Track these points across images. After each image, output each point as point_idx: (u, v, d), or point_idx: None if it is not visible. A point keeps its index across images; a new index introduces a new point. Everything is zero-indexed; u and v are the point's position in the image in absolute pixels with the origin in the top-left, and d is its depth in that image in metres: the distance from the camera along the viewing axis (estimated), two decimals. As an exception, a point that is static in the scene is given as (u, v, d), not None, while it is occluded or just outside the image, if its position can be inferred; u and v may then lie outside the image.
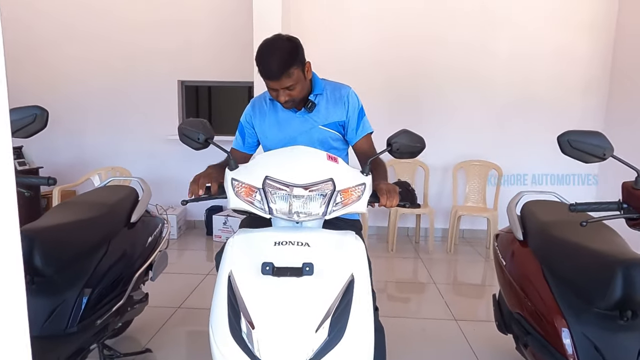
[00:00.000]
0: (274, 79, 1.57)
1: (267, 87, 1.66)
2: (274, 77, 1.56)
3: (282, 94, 1.62)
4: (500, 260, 2.20)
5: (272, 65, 1.55)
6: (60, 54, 4.79)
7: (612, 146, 1.33)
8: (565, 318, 1.68)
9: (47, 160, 4.69)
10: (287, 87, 1.60)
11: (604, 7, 4.49)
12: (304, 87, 1.68)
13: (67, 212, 2.04)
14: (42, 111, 1.38)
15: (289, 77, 1.57)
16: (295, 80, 1.59)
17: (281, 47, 1.58)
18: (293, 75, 1.58)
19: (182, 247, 4.43)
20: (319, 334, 1.11)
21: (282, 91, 1.61)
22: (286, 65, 1.55)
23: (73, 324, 1.79)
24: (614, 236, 1.80)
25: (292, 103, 1.69)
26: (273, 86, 1.61)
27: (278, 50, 1.56)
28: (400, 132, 1.43)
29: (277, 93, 1.63)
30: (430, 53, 4.62)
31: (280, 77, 1.56)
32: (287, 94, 1.62)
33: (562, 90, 4.62)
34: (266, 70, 1.57)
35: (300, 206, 1.28)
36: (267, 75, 1.58)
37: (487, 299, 3.06)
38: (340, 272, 1.20)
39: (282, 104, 1.67)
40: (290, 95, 1.63)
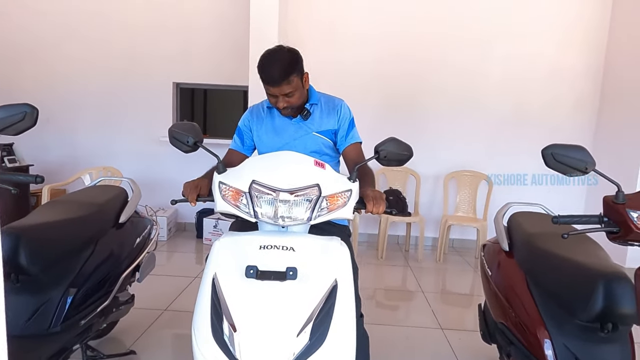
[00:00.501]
0: (275, 85, 1.65)
1: (267, 93, 1.73)
2: (275, 83, 1.64)
3: (281, 100, 1.70)
4: (487, 270, 2.22)
5: (274, 72, 1.63)
6: (58, 54, 4.79)
7: (594, 160, 1.35)
8: (548, 329, 1.70)
9: (38, 158, 4.66)
10: (286, 93, 1.68)
11: (595, 27, 4.58)
12: (302, 96, 1.76)
13: (55, 210, 2.03)
14: (32, 109, 1.38)
15: (289, 84, 1.66)
16: (294, 87, 1.68)
17: (283, 56, 1.67)
18: (292, 82, 1.66)
19: (172, 249, 4.41)
20: (300, 338, 1.11)
21: (281, 97, 1.69)
22: (287, 73, 1.64)
23: (56, 323, 1.77)
24: (596, 249, 1.83)
25: (290, 110, 1.76)
26: (273, 92, 1.68)
27: (279, 59, 1.66)
28: (388, 139, 1.45)
29: (276, 99, 1.71)
30: (425, 66, 4.67)
31: (280, 83, 1.64)
32: (286, 100, 1.70)
33: (552, 105, 4.69)
34: (268, 77, 1.65)
35: (286, 211, 1.29)
36: (269, 81, 1.66)
37: (474, 309, 3.08)
38: (323, 277, 1.21)
39: (281, 109, 1.75)
40: (289, 102, 1.71)
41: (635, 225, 1.27)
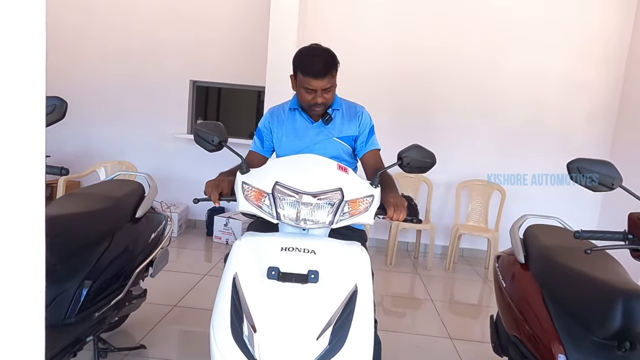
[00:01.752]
0: (318, 77, 1.65)
1: (303, 88, 1.70)
2: (319, 75, 1.64)
3: (319, 95, 1.69)
4: (500, 281, 2.20)
5: (319, 65, 1.64)
6: (77, 49, 4.85)
7: (620, 176, 1.34)
8: (563, 344, 1.67)
9: (55, 150, 4.71)
10: (325, 88, 1.67)
11: (617, 38, 4.53)
12: (334, 94, 1.77)
13: (73, 202, 2.06)
14: (61, 102, 1.40)
15: (332, 78, 1.68)
16: (333, 82, 1.70)
17: (323, 52, 1.70)
18: (333, 77, 1.69)
19: (182, 245, 4.44)
20: (319, 342, 1.11)
21: (320, 92, 1.68)
22: (330, 66, 1.66)
23: (71, 314, 1.79)
24: (615, 266, 1.81)
25: (323, 108, 1.75)
26: (314, 85, 1.67)
27: (322, 55, 1.68)
28: (412, 146, 1.45)
29: (314, 95, 1.69)
30: (441, 74, 4.65)
31: (325, 75, 1.65)
32: (324, 96, 1.70)
33: (569, 117, 4.64)
34: (312, 69, 1.65)
35: (308, 213, 1.30)
36: (314, 74, 1.65)
37: (483, 320, 3.06)
38: (344, 282, 1.21)
39: (316, 107, 1.72)
40: (325, 99, 1.71)
41: (661, 244, 1.25)
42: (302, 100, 1.76)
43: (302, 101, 1.77)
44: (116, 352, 2.24)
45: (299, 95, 1.76)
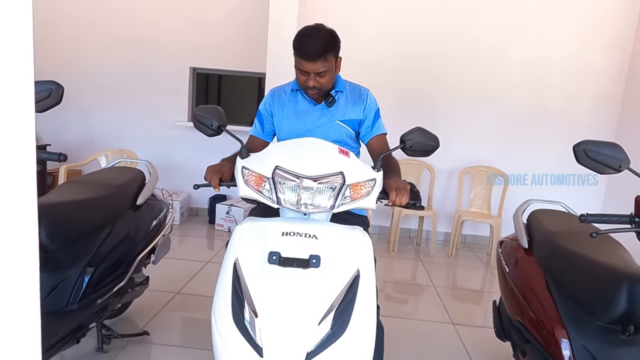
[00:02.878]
0: (310, 60, 1.60)
1: (298, 69, 1.67)
2: (311, 58, 1.60)
3: (312, 79, 1.64)
4: (504, 266, 2.19)
5: (312, 47, 1.59)
6: (77, 35, 4.79)
7: (628, 158, 1.31)
8: (566, 329, 1.67)
9: (56, 138, 4.70)
10: (318, 72, 1.62)
11: (622, 22, 4.45)
12: (332, 79, 1.71)
13: (74, 190, 2.05)
14: (57, 87, 1.38)
15: (324, 62, 1.61)
16: (328, 67, 1.63)
17: (322, 34, 1.63)
18: (328, 62, 1.62)
19: (184, 233, 4.44)
20: (321, 327, 1.11)
21: (312, 75, 1.63)
22: (324, 49, 1.60)
23: (74, 301, 1.80)
24: (620, 250, 1.79)
25: (318, 92, 1.71)
26: (306, 68, 1.63)
27: (319, 36, 1.62)
28: (415, 129, 1.42)
29: (306, 77, 1.65)
30: (444, 60, 4.59)
31: (316, 59, 1.59)
32: (317, 80, 1.65)
33: (574, 102, 4.59)
34: (304, 51, 1.60)
35: (309, 198, 1.28)
36: (304, 56, 1.60)
37: (486, 305, 3.06)
38: (346, 267, 1.20)
39: (309, 89, 1.69)
40: (319, 83, 1.66)
41: (668, 227, 1.23)
42: (297, 81, 1.72)
43: (298, 82, 1.73)
44: (119, 339, 2.25)
45: (296, 76, 1.72)
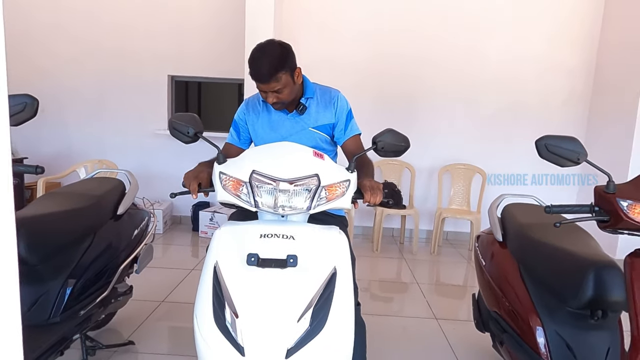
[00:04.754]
0: (263, 82, 1.65)
1: (257, 88, 1.72)
2: (263, 80, 1.64)
3: (270, 96, 1.70)
4: (480, 260, 2.26)
5: (262, 69, 1.62)
6: (49, 46, 4.74)
7: (585, 151, 1.39)
8: (540, 317, 1.74)
9: (33, 151, 4.63)
10: (275, 90, 1.67)
11: (589, 23, 4.62)
12: (293, 91, 1.74)
13: (53, 202, 2.04)
14: (32, 100, 1.39)
15: (277, 81, 1.64)
16: (283, 84, 1.66)
17: (272, 52, 1.65)
18: (281, 79, 1.65)
19: (168, 242, 4.42)
20: (300, 324, 1.14)
21: (270, 93, 1.69)
22: (275, 69, 1.62)
23: (56, 314, 1.79)
24: (588, 239, 1.87)
25: (281, 105, 1.75)
26: (262, 88, 1.69)
27: (269, 55, 1.63)
28: (385, 131, 1.47)
29: (266, 95, 1.71)
30: (419, 60, 4.69)
31: (269, 80, 1.63)
32: (275, 96, 1.69)
33: (546, 100, 4.73)
34: (256, 73, 1.64)
35: (286, 200, 1.32)
36: (257, 78, 1.65)
37: (468, 300, 3.13)
38: (323, 265, 1.24)
39: (272, 105, 1.74)
40: (279, 98, 1.70)
41: (624, 214, 1.30)
42: (261, 96, 1.78)
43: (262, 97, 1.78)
44: (105, 350, 2.25)
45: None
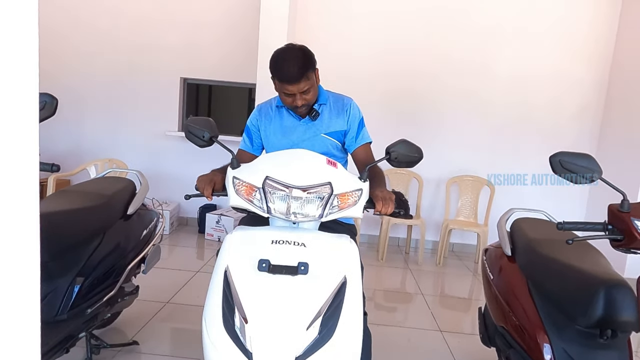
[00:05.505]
0: (294, 82, 1.63)
1: (281, 92, 1.71)
2: (294, 80, 1.63)
3: (299, 98, 1.68)
4: (488, 274, 2.24)
5: (292, 70, 1.62)
6: (66, 46, 4.81)
7: (600, 169, 1.38)
8: (548, 334, 1.72)
9: (44, 148, 4.65)
10: (303, 91, 1.66)
11: (603, 36, 4.61)
12: (316, 92, 1.75)
13: (64, 200, 2.06)
14: (51, 99, 1.40)
15: (307, 80, 1.65)
16: (310, 84, 1.67)
17: (296, 54, 1.66)
18: (310, 78, 1.67)
19: (174, 243, 4.44)
20: (309, 332, 1.14)
21: (299, 95, 1.67)
22: (305, 67, 1.64)
23: (63, 311, 1.80)
24: (598, 256, 1.85)
25: (306, 108, 1.75)
26: (291, 90, 1.66)
27: (295, 56, 1.64)
28: (399, 141, 1.48)
29: (293, 98, 1.69)
30: (431, 70, 4.70)
31: (300, 79, 1.63)
32: (303, 98, 1.68)
33: (557, 113, 4.72)
34: (286, 75, 1.63)
35: (298, 207, 1.32)
36: (287, 79, 1.63)
37: (473, 313, 3.11)
38: (333, 274, 1.24)
39: (298, 108, 1.73)
40: (306, 100, 1.70)
41: (639, 234, 1.29)
42: (283, 102, 1.76)
43: (284, 103, 1.77)
44: (109, 349, 2.25)
45: (280, 98, 1.76)
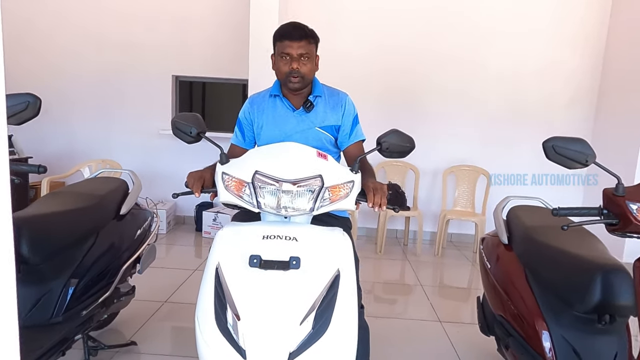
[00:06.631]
0: (296, 39, 1.65)
1: (281, 54, 1.69)
2: (297, 37, 1.65)
3: (295, 61, 1.67)
4: (485, 263, 2.23)
5: (296, 29, 1.67)
6: (53, 45, 4.76)
7: (594, 153, 1.36)
8: (546, 321, 1.71)
9: (37, 151, 4.65)
10: (302, 54, 1.67)
11: (595, 23, 4.59)
12: (312, 71, 1.75)
13: (56, 201, 2.04)
14: (34, 99, 1.38)
15: (308, 45, 1.68)
16: (310, 54, 1.69)
17: (305, 25, 1.73)
18: (311, 46, 1.69)
19: (171, 242, 4.42)
20: (303, 326, 1.13)
21: (297, 57, 1.67)
22: (309, 34, 1.69)
23: (58, 313, 1.79)
24: (595, 242, 1.85)
25: (300, 81, 1.70)
26: (291, 48, 1.66)
27: (300, 24, 1.71)
28: (390, 131, 1.46)
29: (290, 61, 1.67)
30: (424, 61, 4.67)
31: (301, 39, 1.65)
32: (301, 64, 1.68)
33: (550, 100, 4.70)
34: (289, 32, 1.66)
35: (289, 201, 1.30)
36: (290, 36, 1.66)
37: (472, 302, 3.11)
38: (326, 267, 1.22)
39: (292, 76, 1.69)
40: (302, 70, 1.68)
41: (634, 217, 1.28)
42: (279, 72, 1.73)
43: (279, 74, 1.74)
44: (107, 350, 2.24)
45: (277, 69, 1.74)
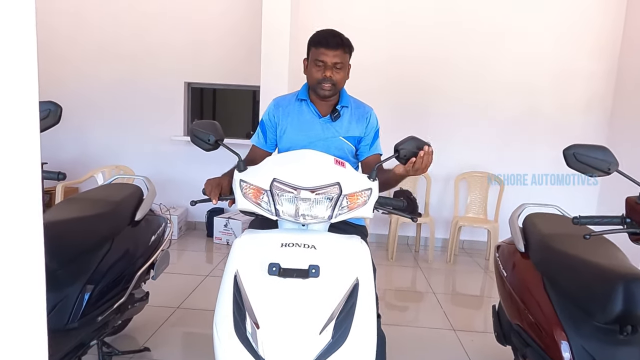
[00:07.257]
0: (332, 48, 1.67)
1: (314, 62, 1.71)
2: (333, 45, 1.67)
3: (329, 69, 1.69)
4: (501, 271, 2.20)
5: (333, 37, 1.68)
6: (70, 53, 4.83)
7: (617, 161, 1.34)
8: (565, 331, 1.68)
9: (51, 157, 4.70)
10: (336, 63, 1.69)
11: (610, 27, 4.54)
12: (344, 78, 1.77)
13: (72, 207, 2.06)
14: (55, 107, 1.40)
15: (343, 54, 1.69)
16: (344, 63, 1.71)
17: (340, 33, 1.74)
18: (346, 56, 1.71)
19: (182, 247, 4.44)
20: (322, 336, 1.12)
21: (331, 67, 1.69)
22: (345, 43, 1.70)
23: (74, 319, 1.79)
24: (615, 250, 1.81)
25: (331, 88, 1.72)
26: (326, 56, 1.68)
27: (338, 33, 1.73)
28: (407, 138, 1.45)
29: (324, 68, 1.69)
30: (436, 66, 4.66)
31: (337, 48, 1.67)
32: (333, 72, 1.69)
33: (565, 106, 4.65)
34: (325, 40, 1.68)
35: (307, 209, 1.30)
36: (326, 44, 1.67)
37: (486, 310, 3.07)
38: (345, 276, 1.21)
39: (324, 82, 1.70)
40: (335, 78, 1.70)
41: (659, 227, 1.26)
42: (311, 78, 1.74)
43: (311, 80, 1.75)
44: (120, 356, 2.25)
45: (309, 74, 1.75)
